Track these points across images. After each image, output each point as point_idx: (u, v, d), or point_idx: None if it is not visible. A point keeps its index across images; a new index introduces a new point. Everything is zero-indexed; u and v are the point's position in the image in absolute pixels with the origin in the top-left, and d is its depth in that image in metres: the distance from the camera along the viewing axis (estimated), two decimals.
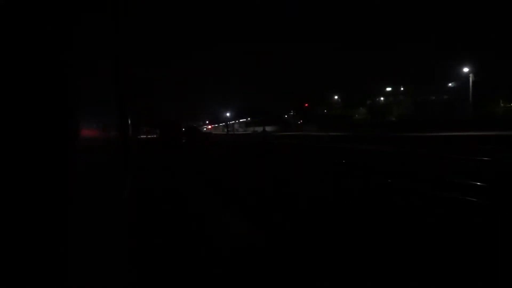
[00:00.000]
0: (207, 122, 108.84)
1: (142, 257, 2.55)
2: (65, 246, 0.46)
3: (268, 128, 55.46)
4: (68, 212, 0.45)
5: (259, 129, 60.12)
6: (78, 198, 0.49)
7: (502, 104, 36.30)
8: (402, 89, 45.88)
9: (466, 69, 32.13)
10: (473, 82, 30.96)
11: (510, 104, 35.89)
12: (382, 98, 50.94)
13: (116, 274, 0.97)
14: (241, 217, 3.85)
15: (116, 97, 1.55)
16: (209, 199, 4.95)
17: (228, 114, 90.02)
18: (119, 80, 1.89)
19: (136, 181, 5.29)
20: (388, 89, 48.66)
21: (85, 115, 0.56)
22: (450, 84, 49.27)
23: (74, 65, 0.51)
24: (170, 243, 3.07)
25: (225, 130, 79.49)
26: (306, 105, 60.54)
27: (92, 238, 0.63)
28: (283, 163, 10.13)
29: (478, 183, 5.10)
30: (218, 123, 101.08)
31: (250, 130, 65.16)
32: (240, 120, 78.38)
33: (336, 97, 51.15)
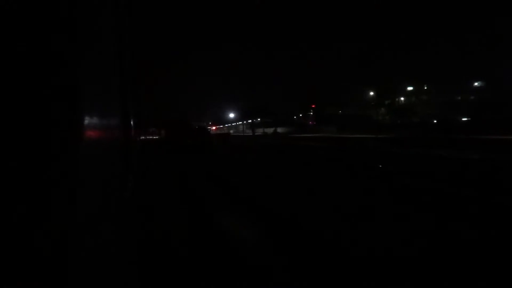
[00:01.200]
0: (210, 123, 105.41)
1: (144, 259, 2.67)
2: (65, 246, 0.46)
3: (279, 130, 51.74)
4: (69, 213, 0.47)
5: (269, 130, 56.61)
6: (79, 198, 0.51)
7: None
8: (425, 88, 42.00)
9: None
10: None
11: None
12: (402, 98, 47.36)
13: (117, 276, 0.96)
14: None
15: (118, 97, 1.46)
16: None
17: (232, 115, 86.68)
18: (122, 79, 1.72)
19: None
20: (409, 88, 44.96)
21: (86, 115, 0.57)
22: (476, 84, 46.05)
23: (77, 64, 0.52)
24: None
25: (230, 131, 75.59)
26: (313, 106, 57.26)
27: (93, 239, 0.62)
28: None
29: None
30: (222, 124, 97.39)
31: (259, 131, 61.39)
32: (248, 121, 74.54)
33: (371, 93, 46.82)
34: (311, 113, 53.03)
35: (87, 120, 0.56)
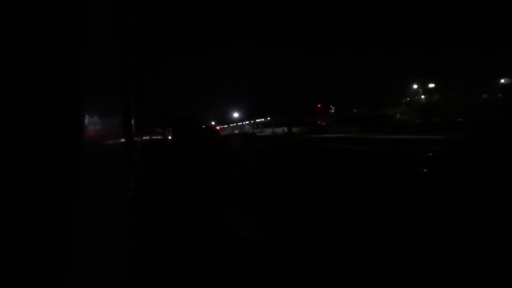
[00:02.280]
0: (213, 123, 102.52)
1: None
2: (67, 245, 0.46)
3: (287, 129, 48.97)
4: (71, 213, 0.47)
5: (278, 130, 53.79)
6: (81, 198, 0.51)
7: None
8: (450, 85, 39.07)
9: None
10: None
11: None
12: (423, 97, 44.48)
13: (119, 275, 0.94)
14: None
15: (119, 97, 1.42)
16: None
17: (237, 115, 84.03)
18: (123, 79, 1.67)
19: None
20: (431, 85, 42.07)
21: (87, 115, 0.57)
22: (502, 81, 43.25)
23: (78, 64, 0.53)
24: None
25: (235, 131, 72.54)
26: (319, 105, 55.13)
27: (95, 239, 0.63)
28: None
29: None
30: (226, 124, 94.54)
31: (268, 131, 58.69)
32: (257, 120, 71.69)
33: (415, 86, 42.88)
34: (332, 111, 49.64)
35: (88, 120, 0.56)
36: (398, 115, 45.92)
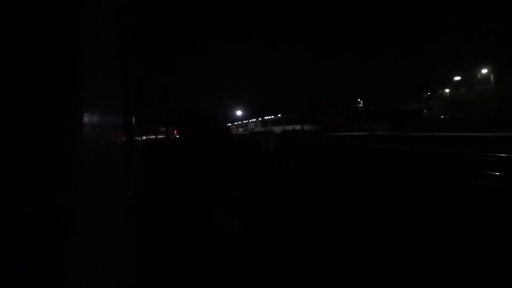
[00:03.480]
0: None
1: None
2: (67, 246, 0.47)
3: (300, 128, 46.26)
4: (70, 213, 0.48)
5: (288, 128, 51.26)
6: (80, 198, 0.52)
7: None
8: (479, 77, 36.14)
9: None
10: None
11: None
12: (447, 90, 41.60)
13: (119, 275, 0.95)
14: None
15: (120, 97, 1.43)
16: None
17: (240, 113, 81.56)
18: (123, 78, 1.68)
19: None
20: (457, 78, 39.14)
21: (88, 115, 0.58)
22: None
23: (78, 63, 0.53)
24: None
25: (239, 129, 69.77)
26: (324, 103, 52.98)
27: (95, 239, 0.65)
28: None
29: None
30: (229, 122, 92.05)
31: (277, 129, 56.21)
32: (265, 118, 69.06)
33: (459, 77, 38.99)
34: (360, 107, 46.04)
35: (88, 120, 0.56)
36: (425, 110, 42.96)
